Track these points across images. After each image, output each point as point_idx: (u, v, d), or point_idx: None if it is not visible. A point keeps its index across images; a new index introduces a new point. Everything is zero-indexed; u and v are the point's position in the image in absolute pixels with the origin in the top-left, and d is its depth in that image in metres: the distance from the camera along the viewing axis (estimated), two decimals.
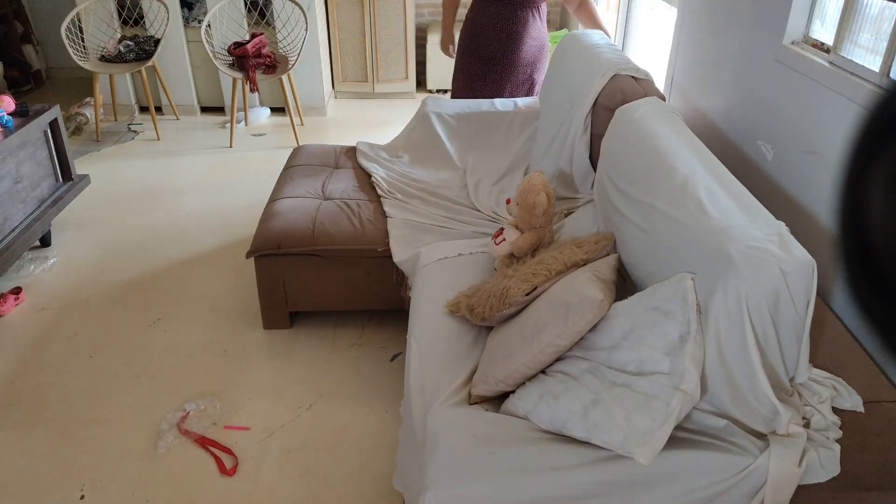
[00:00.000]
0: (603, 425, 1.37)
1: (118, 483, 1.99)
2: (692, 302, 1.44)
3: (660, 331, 1.45)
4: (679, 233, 1.58)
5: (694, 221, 1.54)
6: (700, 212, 1.55)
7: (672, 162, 1.76)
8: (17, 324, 2.69)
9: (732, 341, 1.39)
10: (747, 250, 1.36)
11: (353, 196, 2.73)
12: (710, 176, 1.68)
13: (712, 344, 1.41)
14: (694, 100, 2.74)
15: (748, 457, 1.37)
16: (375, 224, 2.53)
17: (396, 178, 2.84)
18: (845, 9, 1.92)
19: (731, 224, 1.46)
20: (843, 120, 1.82)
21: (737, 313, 1.37)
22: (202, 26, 4.23)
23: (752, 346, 1.37)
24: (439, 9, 5.41)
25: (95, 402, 2.29)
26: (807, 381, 1.50)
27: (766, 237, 1.40)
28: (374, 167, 2.93)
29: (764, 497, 1.36)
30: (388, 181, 2.81)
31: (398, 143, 3.15)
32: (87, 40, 4.46)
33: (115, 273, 3.03)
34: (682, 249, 1.56)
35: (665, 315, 1.46)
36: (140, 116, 4.87)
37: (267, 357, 2.51)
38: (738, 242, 1.39)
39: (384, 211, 2.61)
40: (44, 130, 3.06)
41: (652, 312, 1.48)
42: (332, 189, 2.78)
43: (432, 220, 2.56)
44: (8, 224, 2.79)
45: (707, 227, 1.49)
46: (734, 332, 1.38)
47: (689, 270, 1.50)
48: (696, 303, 1.44)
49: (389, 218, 2.56)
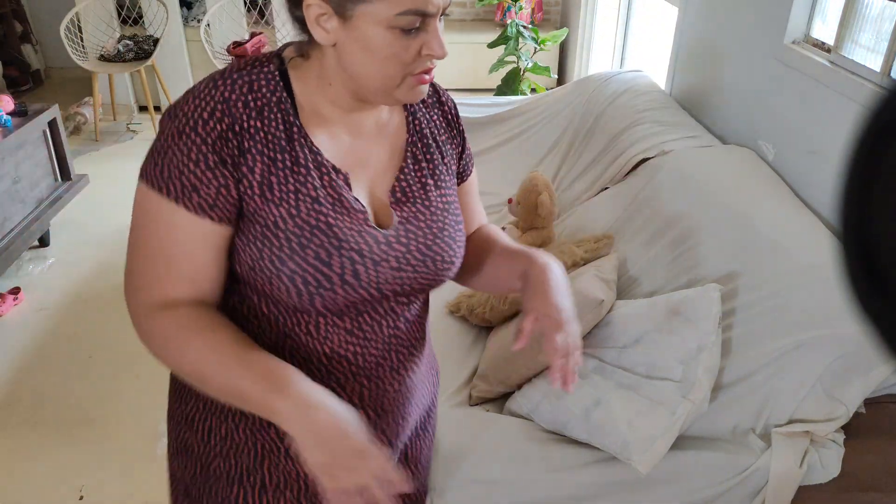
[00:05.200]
0: (604, 428, 1.37)
1: (117, 484, 1.98)
2: (716, 315, 1.43)
3: (678, 337, 1.43)
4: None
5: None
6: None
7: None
8: (16, 324, 2.68)
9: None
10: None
11: None
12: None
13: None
14: (695, 99, 2.73)
15: (749, 457, 1.36)
16: None
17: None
18: (846, 8, 1.91)
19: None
20: (844, 119, 1.81)
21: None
22: (201, 26, 4.23)
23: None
24: None
25: (95, 403, 2.29)
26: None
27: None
28: None
29: (765, 497, 1.36)
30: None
31: None
32: (87, 40, 4.45)
33: (115, 273, 3.02)
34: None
35: (687, 322, 1.44)
36: (139, 116, 4.86)
37: None
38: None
39: None
40: (43, 130, 3.06)
41: (674, 318, 1.46)
42: None
43: None
44: (6, 224, 2.78)
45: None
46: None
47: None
48: (720, 316, 1.43)
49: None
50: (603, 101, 2.70)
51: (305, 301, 0.83)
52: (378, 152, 0.91)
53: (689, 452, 1.37)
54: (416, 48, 0.79)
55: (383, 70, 0.79)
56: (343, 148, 0.87)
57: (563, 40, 4.15)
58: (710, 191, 1.90)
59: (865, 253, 0.40)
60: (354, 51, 0.78)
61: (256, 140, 0.81)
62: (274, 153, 0.81)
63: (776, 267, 1.55)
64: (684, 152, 2.19)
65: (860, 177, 0.40)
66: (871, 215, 0.39)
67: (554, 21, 5.37)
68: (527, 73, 3.89)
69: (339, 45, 0.79)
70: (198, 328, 0.81)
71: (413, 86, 0.82)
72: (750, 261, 1.61)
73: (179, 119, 0.79)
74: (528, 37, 3.76)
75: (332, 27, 0.78)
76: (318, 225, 0.83)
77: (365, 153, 0.89)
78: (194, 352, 0.81)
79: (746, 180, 1.94)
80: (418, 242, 0.89)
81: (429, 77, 0.83)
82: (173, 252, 0.81)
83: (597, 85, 2.82)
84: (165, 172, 0.79)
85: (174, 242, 0.81)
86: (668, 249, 1.84)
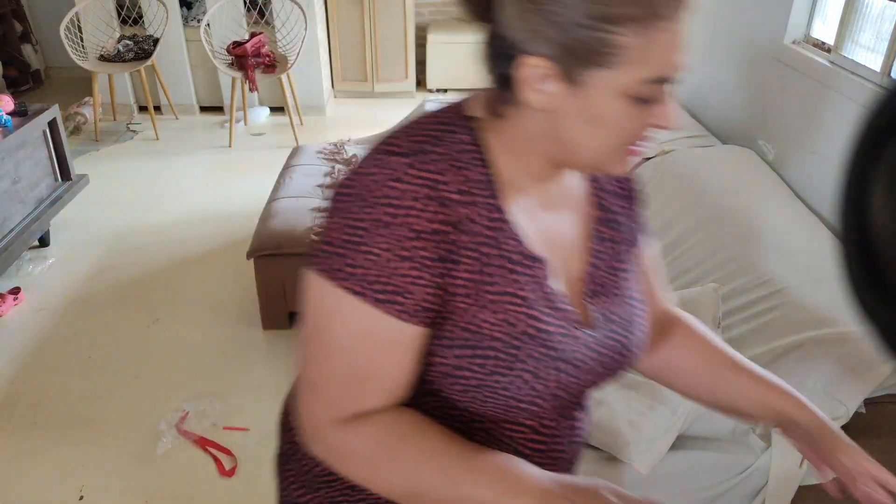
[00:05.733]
0: (604, 427, 1.37)
1: (117, 484, 1.98)
2: (716, 315, 1.43)
3: None
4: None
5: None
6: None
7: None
8: (16, 324, 2.68)
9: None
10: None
11: None
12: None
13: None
14: (695, 99, 2.73)
15: (749, 457, 1.36)
16: None
17: None
18: (846, 8, 1.91)
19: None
20: (844, 119, 1.81)
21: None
22: (201, 25, 4.23)
23: None
24: (439, 8, 5.41)
25: (94, 403, 2.29)
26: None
27: None
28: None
29: (765, 497, 1.36)
30: None
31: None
32: (86, 40, 4.45)
33: (114, 273, 3.02)
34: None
35: None
36: (139, 116, 4.86)
37: (266, 357, 2.50)
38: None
39: None
40: (43, 130, 3.06)
41: None
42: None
43: None
44: (6, 224, 2.78)
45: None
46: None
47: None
48: (720, 316, 1.43)
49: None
50: None
51: (500, 411, 0.73)
52: (567, 229, 0.78)
53: (689, 452, 1.37)
54: (647, 118, 0.66)
55: (606, 142, 0.67)
56: (540, 228, 0.74)
57: None
58: (710, 190, 1.91)
59: (865, 253, 0.40)
60: (576, 119, 0.66)
61: (466, 231, 0.68)
62: (481, 246, 0.69)
63: (776, 267, 1.55)
64: (684, 152, 2.19)
65: (860, 177, 0.40)
66: (871, 215, 0.39)
67: None
68: None
69: (557, 110, 0.66)
70: (404, 436, 0.70)
71: (625, 157, 0.70)
72: (750, 261, 1.61)
73: (380, 206, 0.65)
74: None
75: (552, 91, 0.64)
76: (527, 331, 0.70)
77: (556, 231, 0.76)
78: (407, 464, 0.69)
79: (746, 180, 1.95)
80: (617, 342, 0.79)
81: (644, 148, 0.70)
82: (372, 365, 0.69)
83: None
84: (364, 271, 0.65)
85: (374, 354, 0.69)
86: (669, 249, 1.84)
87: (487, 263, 0.69)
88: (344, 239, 0.66)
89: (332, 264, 0.67)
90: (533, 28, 0.63)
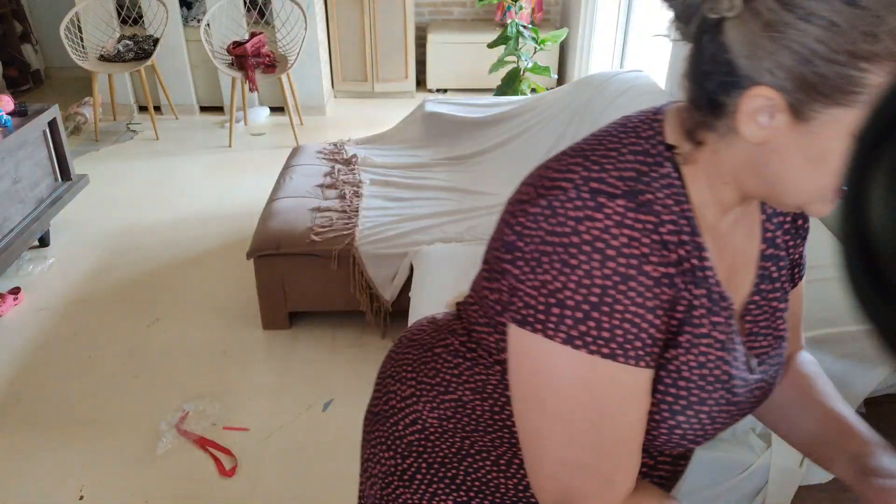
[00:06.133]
0: None
1: (117, 484, 1.98)
2: None
3: None
4: None
5: None
6: None
7: None
8: (16, 324, 2.68)
9: None
10: None
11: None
12: None
13: None
14: None
15: (749, 457, 1.36)
16: None
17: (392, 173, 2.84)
18: None
19: None
20: None
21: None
22: (201, 25, 4.23)
23: None
24: (439, 8, 5.42)
25: (94, 403, 2.29)
26: None
27: None
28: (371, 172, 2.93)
29: (765, 497, 1.36)
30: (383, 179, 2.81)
31: (394, 136, 3.18)
32: (86, 40, 4.46)
33: (114, 273, 3.02)
34: None
35: None
36: (139, 116, 4.86)
37: (266, 357, 2.50)
38: None
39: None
40: (43, 130, 3.06)
41: None
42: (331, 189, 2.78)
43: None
44: (6, 224, 2.78)
45: None
46: None
47: None
48: None
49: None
50: (603, 102, 2.70)
51: (659, 446, 0.71)
52: (738, 264, 0.73)
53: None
54: None
55: (822, 181, 0.60)
56: (724, 265, 0.70)
57: (563, 40, 4.15)
58: None
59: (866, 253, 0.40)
60: (794, 156, 0.59)
61: (681, 272, 0.64)
62: (690, 285, 0.65)
63: None
64: None
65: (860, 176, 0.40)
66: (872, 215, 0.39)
67: (554, 21, 5.37)
68: (527, 73, 3.89)
69: (772, 144, 0.60)
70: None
71: (832, 198, 0.62)
72: None
73: (620, 257, 0.60)
74: (529, 37, 3.77)
75: (772, 124, 0.58)
76: (720, 376, 0.67)
77: (731, 265, 0.72)
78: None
79: None
80: (766, 383, 0.76)
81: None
82: (634, 422, 0.66)
83: (597, 85, 2.83)
84: (609, 331, 0.61)
85: (633, 412, 0.65)
86: None
87: (694, 305, 0.66)
88: (593, 301, 0.60)
89: (582, 330, 0.61)
90: (765, 56, 0.56)
